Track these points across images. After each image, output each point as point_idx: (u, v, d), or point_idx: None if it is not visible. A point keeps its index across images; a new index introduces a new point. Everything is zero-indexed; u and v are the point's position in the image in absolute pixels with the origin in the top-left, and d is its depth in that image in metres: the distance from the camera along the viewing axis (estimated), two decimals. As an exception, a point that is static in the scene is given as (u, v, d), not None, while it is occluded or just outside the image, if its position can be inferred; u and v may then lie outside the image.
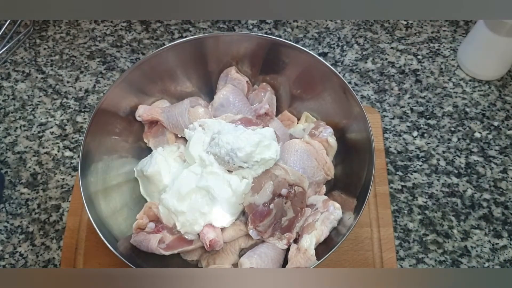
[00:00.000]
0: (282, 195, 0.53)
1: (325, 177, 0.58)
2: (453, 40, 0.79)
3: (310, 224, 0.52)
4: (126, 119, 0.60)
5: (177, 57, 0.60)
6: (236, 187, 0.53)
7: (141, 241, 0.52)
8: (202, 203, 0.53)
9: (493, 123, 0.71)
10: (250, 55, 0.61)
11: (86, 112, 0.74)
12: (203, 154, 0.55)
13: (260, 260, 0.50)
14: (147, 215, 0.55)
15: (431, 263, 0.61)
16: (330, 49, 0.79)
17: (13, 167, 0.69)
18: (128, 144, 0.61)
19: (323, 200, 0.55)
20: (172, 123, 0.60)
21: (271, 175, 0.54)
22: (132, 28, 0.82)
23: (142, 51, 0.80)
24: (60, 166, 0.69)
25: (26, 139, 0.71)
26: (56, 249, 0.63)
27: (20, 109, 0.74)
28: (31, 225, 0.64)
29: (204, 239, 0.52)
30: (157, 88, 0.62)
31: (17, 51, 0.80)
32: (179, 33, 0.82)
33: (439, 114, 0.72)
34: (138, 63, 0.58)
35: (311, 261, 0.49)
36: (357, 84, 0.76)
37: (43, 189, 0.67)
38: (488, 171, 0.67)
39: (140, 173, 0.59)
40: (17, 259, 0.62)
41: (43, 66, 0.79)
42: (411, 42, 0.80)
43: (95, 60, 0.79)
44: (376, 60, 0.78)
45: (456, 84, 0.75)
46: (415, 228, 0.63)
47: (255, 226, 0.53)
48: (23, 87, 0.76)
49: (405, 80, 0.76)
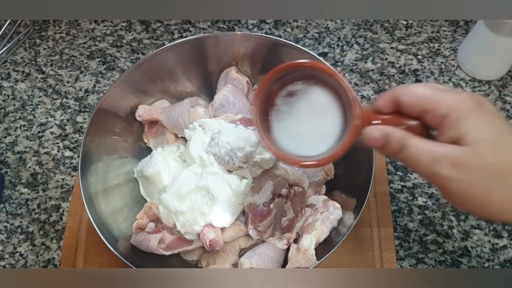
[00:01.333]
0: (282, 195, 0.54)
1: (325, 177, 0.58)
2: (453, 40, 0.79)
3: (310, 224, 0.52)
4: (126, 119, 0.61)
5: (177, 57, 0.60)
6: (236, 187, 0.53)
7: (141, 241, 0.52)
8: (202, 203, 0.53)
9: (493, 123, 0.71)
10: (250, 55, 0.61)
11: (86, 112, 0.74)
12: (203, 154, 0.55)
13: (260, 260, 0.50)
14: (147, 215, 0.55)
15: (431, 263, 0.61)
16: (330, 49, 0.79)
17: (13, 167, 0.69)
18: (128, 144, 0.61)
19: (323, 200, 0.55)
20: (172, 123, 0.60)
21: (271, 175, 0.54)
22: (132, 28, 0.82)
23: (142, 51, 0.80)
24: (60, 166, 0.69)
25: (26, 139, 0.71)
26: (56, 249, 0.63)
27: (20, 109, 0.74)
28: (31, 225, 0.64)
29: (204, 239, 0.52)
30: (157, 88, 0.62)
31: (17, 51, 0.80)
32: (179, 33, 0.82)
33: (439, 114, 0.72)
34: (138, 63, 0.58)
35: (311, 261, 0.49)
36: (357, 84, 0.76)
37: (43, 189, 0.67)
38: (488, 171, 0.67)
39: (140, 173, 0.59)
40: (17, 259, 0.62)
41: (43, 66, 0.79)
42: (411, 42, 0.80)
43: (95, 60, 0.79)
44: (376, 60, 0.78)
45: (456, 84, 0.75)
46: (415, 228, 0.63)
47: (255, 226, 0.53)
48: (23, 87, 0.76)
49: (405, 80, 0.76)
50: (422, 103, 0.35)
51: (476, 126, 0.33)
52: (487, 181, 0.33)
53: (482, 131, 0.33)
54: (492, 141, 0.33)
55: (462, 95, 0.35)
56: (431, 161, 0.34)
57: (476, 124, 0.34)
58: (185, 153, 0.58)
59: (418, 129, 0.37)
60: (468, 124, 0.33)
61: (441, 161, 0.34)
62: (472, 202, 0.34)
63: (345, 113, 0.39)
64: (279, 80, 0.41)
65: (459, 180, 0.33)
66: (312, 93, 0.41)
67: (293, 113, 0.42)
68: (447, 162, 0.33)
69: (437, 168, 0.34)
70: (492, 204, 0.34)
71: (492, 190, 0.33)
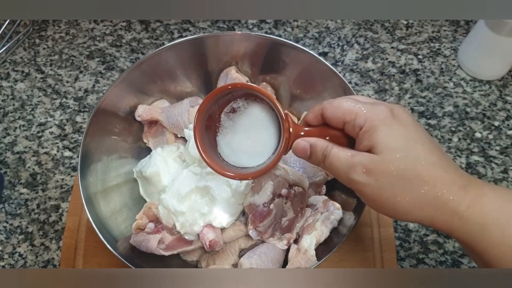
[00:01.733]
0: (282, 195, 0.53)
1: (325, 177, 0.58)
2: (454, 40, 0.79)
3: (310, 224, 0.52)
4: (126, 119, 0.60)
5: (177, 56, 0.60)
6: (236, 187, 0.52)
7: (141, 242, 0.52)
8: (201, 204, 0.53)
9: (494, 123, 0.71)
10: (250, 55, 0.61)
11: (86, 112, 0.74)
12: (203, 154, 0.55)
13: (260, 260, 0.50)
14: (147, 216, 0.55)
15: (432, 264, 0.61)
16: (331, 48, 0.79)
17: (13, 167, 0.69)
18: (127, 144, 0.61)
19: (323, 200, 0.55)
20: (172, 123, 0.60)
21: (271, 175, 0.54)
22: (131, 28, 0.82)
23: (142, 50, 0.80)
24: (60, 166, 0.69)
25: (25, 139, 0.71)
26: (56, 249, 0.62)
27: (19, 109, 0.74)
28: (30, 225, 0.64)
29: (204, 239, 0.52)
30: (156, 88, 0.62)
31: (17, 51, 0.80)
32: (179, 32, 0.82)
33: (440, 114, 0.72)
34: (138, 62, 0.58)
35: (311, 261, 0.49)
36: (357, 84, 0.75)
37: (42, 189, 0.67)
38: (489, 171, 0.67)
39: (139, 173, 0.58)
40: (17, 259, 0.62)
41: (43, 66, 0.79)
42: (411, 41, 0.79)
43: (95, 60, 0.79)
44: (376, 60, 0.78)
45: (456, 84, 0.75)
46: (416, 228, 0.63)
47: (255, 226, 0.52)
48: (23, 87, 0.76)
49: (405, 80, 0.76)
50: (342, 116, 0.39)
51: (386, 136, 0.37)
52: (393, 185, 0.36)
53: (391, 140, 0.37)
54: (399, 149, 0.36)
55: (378, 107, 0.38)
56: (347, 168, 0.38)
57: (387, 133, 0.37)
58: (185, 153, 0.58)
59: (341, 139, 0.40)
60: (379, 134, 0.37)
61: (355, 168, 0.37)
62: (382, 205, 0.38)
63: (280, 127, 0.43)
64: (223, 98, 0.45)
65: (370, 185, 0.37)
66: (252, 109, 0.45)
67: (235, 127, 0.46)
68: (360, 169, 0.37)
69: (352, 174, 0.37)
70: (399, 206, 0.37)
71: (398, 193, 0.36)
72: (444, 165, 0.37)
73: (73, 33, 0.82)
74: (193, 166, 0.55)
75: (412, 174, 0.36)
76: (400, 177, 0.36)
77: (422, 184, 0.36)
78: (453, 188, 0.36)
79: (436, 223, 0.37)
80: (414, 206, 0.37)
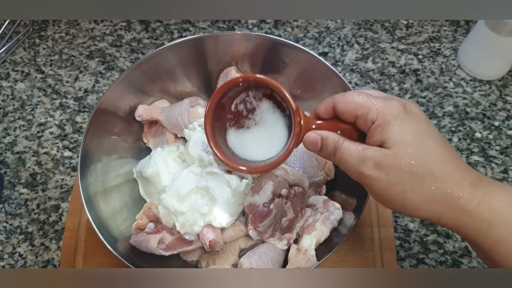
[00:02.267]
0: (282, 195, 0.53)
1: (325, 177, 0.58)
2: (454, 40, 0.79)
3: (310, 224, 0.52)
4: (126, 119, 0.60)
5: (177, 56, 0.60)
6: (236, 187, 0.52)
7: (141, 242, 0.52)
8: (201, 204, 0.52)
9: (494, 123, 0.71)
10: (250, 55, 0.61)
11: (86, 112, 0.74)
12: (202, 154, 0.55)
13: (260, 260, 0.50)
14: (147, 216, 0.55)
15: (432, 264, 0.61)
16: (331, 48, 0.79)
17: (12, 167, 0.69)
18: (127, 144, 0.61)
19: (324, 200, 0.55)
20: (172, 123, 0.60)
21: (271, 175, 0.53)
22: (131, 28, 0.82)
23: (142, 50, 0.80)
24: (60, 166, 0.69)
25: (25, 139, 0.71)
26: (56, 249, 0.62)
27: (19, 109, 0.74)
28: (30, 225, 0.64)
29: (204, 239, 0.52)
30: (156, 88, 0.62)
31: (16, 51, 0.80)
32: (179, 32, 0.82)
33: (440, 114, 0.72)
34: (138, 62, 0.58)
35: (311, 261, 0.49)
36: (357, 84, 0.75)
37: (42, 189, 0.67)
38: (489, 171, 0.67)
39: (139, 174, 0.58)
40: (17, 259, 0.62)
41: (43, 66, 0.79)
42: (411, 41, 0.79)
43: (95, 59, 0.79)
44: (376, 60, 0.78)
45: (456, 84, 0.75)
46: (416, 228, 0.63)
47: (255, 226, 0.52)
48: (22, 87, 0.76)
49: (405, 80, 0.76)
50: (354, 110, 0.39)
51: (398, 130, 0.37)
52: (404, 181, 0.36)
53: (403, 135, 0.37)
54: (411, 145, 0.36)
55: (391, 101, 0.38)
56: (358, 162, 0.38)
57: (399, 128, 0.37)
58: (185, 153, 0.58)
59: (352, 133, 0.40)
60: (391, 129, 0.37)
61: (366, 162, 0.37)
62: (392, 200, 0.37)
63: (290, 120, 0.43)
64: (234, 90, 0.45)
65: (381, 180, 0.37)
66: (262, 103, 0.46)
67: (245, 121, 0.47)
68: (371, 163, 0.37)
69: (362, 168, 0.37)
70: (408, 202, 0.37)
71: (408, 189, 0.36)
72: (454, 162, 0.37)
73: (73, 33, 0.82)
74: (193, 166, 0.55)
75: (423, 170, 0.36)
76: (411, 172, 0.36)
77: (432, 180, 0.36)
78: (463, 185, 0.36)
79: (444, 219, 0.37)
80: (423, 202, 0.37)
